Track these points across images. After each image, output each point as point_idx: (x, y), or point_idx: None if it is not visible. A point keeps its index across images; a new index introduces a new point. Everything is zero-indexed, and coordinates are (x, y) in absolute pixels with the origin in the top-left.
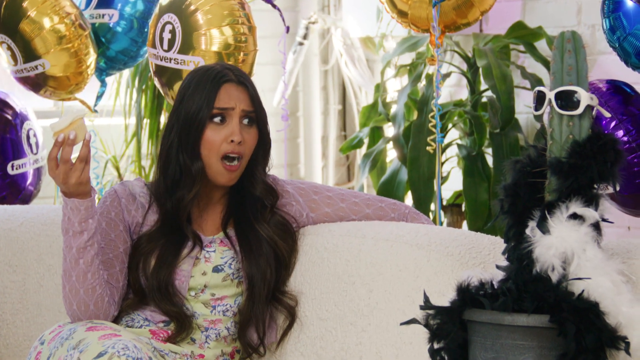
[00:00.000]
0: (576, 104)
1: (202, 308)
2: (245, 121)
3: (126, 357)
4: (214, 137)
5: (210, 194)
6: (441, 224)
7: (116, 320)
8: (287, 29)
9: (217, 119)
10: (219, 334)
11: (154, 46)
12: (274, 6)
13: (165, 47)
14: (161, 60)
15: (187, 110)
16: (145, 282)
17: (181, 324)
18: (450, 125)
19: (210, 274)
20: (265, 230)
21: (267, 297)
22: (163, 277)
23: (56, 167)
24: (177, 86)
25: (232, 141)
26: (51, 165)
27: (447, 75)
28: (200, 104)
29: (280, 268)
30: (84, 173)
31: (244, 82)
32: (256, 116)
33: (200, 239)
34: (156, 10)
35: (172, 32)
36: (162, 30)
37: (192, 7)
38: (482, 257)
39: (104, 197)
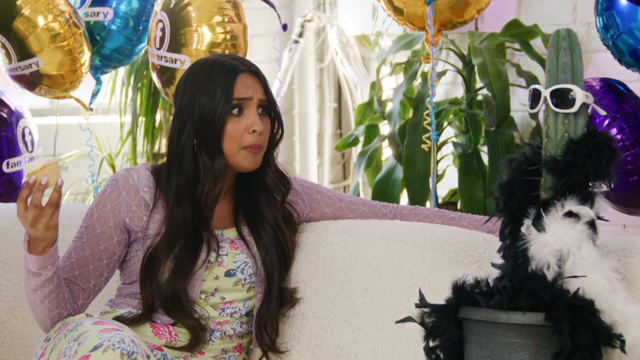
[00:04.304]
0: (572, 102)
1: (211, 311)
2: (260, 111)
3: (121, 350)
4: (234, 130)
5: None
6: None
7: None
8: (285, 26)
9: (235, 111)
10: (224, 332)
11: (150, 44)
12: (270, 4)
13: (157, 45)
14: (155, 58)
15: (202, 107)
16: (157, 290)
17: (197, 337)
18: (445, 123)
19: (222, 279)
20: (275, 221)
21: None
22: (179, 286)
23: (25, 210)
24: (173, 86)
25: (253, 131)
26: (20, 207)
27: (443, 73)
28: (218, 98)
29: (284, 262)
30: (52, 218)
31: (256, 70)
32: (269, 104)
33: (217, 242)
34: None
35: (163, 30)
36: (156, 28)
37: (185, 1)
38: (478, 255)
39: (105, 186)
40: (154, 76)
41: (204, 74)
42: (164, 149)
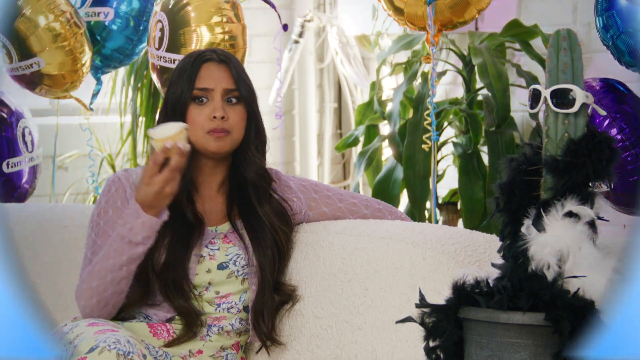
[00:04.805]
0: (572, 102)
1: (207, 306)
2: (232, 100)
3: (117, 350)
4: (197, 117)
5: (210, 183)
6: (437, 222)
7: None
8: (285, 27)
9: (199, 100)
10: (222, 328)
11: (150, 44)
12: (270, 4)
13: (157, 45)
14: (154, 58)
15: (172, 95)
16: (155, 276)
17: (190, 322)
18: (445, 124)
19: (214, 272)
20: (267, 216)
21: (273, 286)
22: (179, 272)
23: (156, 174)
24: None
25: (214, 117)
26: (152, 171)
27: (443, 73)
28: (183, 86)
29: (280, 257)
30: (177, 184)
31: (226, 60)
32: (240, 95)
33: (203, 222)
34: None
35: (162, 30)
36: (155, 28)
37: (183, 1)
38: (478, 255)
39: (108, 185)
40: (154, 76)
41: (180, 65)
42: None
